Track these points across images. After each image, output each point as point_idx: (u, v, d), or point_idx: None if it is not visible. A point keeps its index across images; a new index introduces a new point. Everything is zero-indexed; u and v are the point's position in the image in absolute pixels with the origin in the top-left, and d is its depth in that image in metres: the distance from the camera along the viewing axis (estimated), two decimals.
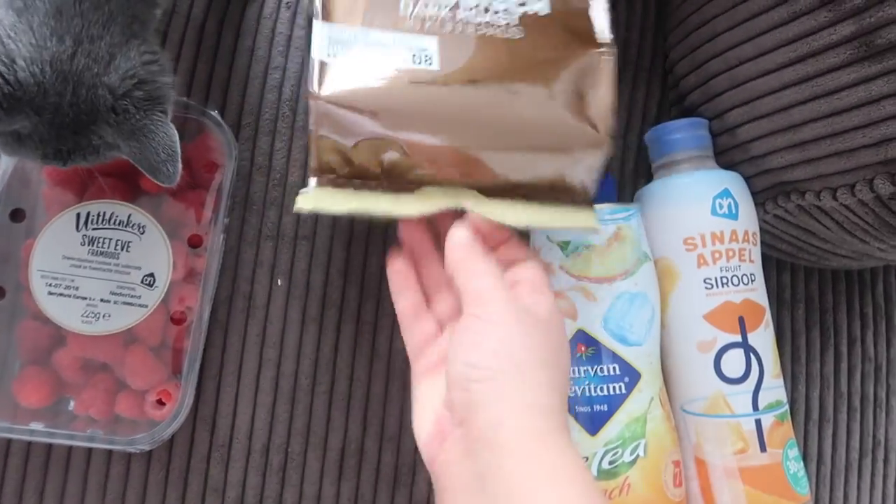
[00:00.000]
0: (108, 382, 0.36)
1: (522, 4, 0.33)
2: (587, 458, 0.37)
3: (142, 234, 0.36)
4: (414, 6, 0.32)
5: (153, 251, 0.36)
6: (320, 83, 0.30)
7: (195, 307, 0.36)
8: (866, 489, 0.48)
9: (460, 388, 0.28)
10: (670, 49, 0.47)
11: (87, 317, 0.35)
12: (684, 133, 0.43)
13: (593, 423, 0.37)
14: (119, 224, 0.36)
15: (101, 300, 0.35)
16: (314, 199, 0.31)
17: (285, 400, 0.40)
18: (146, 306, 0.35)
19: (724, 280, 0.40)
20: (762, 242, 0.45)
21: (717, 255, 0.40)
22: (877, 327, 0.49)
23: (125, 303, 0.35)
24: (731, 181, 0.42)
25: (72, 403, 0.36)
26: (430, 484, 0.41)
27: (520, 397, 0.27)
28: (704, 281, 0.40)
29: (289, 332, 0.40)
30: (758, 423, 0.40)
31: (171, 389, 0.36)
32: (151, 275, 0.36)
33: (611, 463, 0.37)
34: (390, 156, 0.31)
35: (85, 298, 0.35)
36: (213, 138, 0.38)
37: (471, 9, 0.32)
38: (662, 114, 0.47)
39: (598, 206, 0.39)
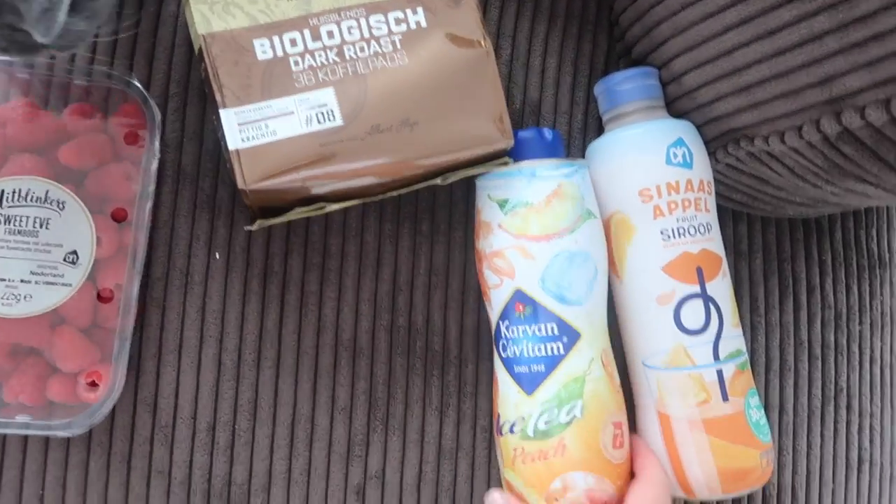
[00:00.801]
0: (38, 367, 0.34)
1: (401, 22, 0.35)
2: (524, 419, 0.36)
3: (62, 209, 0.34)
4: (303, 60, 0.34)
5: (75, 228, 0.34)
6: (242, 173, 0.33)
7: (124, 284, 0.34)
8: (830, 436, 0.47)
9: None
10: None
11: (6, 299, 0.33)
12: (634, 83, 0.42)
13: (530, 383, 0.37)
14: (36, 201, 0.34)
15: (22, 281, 0.33)
16: (259, 225, 0.35)
17: (229, 376, 0.38)
18: (70, 285, 0.34)
19: (682, 230, 0.39)
20: (717, 194, 0.44)
21: (673, 206, 0.39)
22: (836, 274, 0.49)
23: (47, 282, 0.33)
24: (685, 130, 0.41)
25: (1, 390, 0.34)
26: (385, 456, 0.40)
27: None
28: (661, 232, 0.39)
29: (230, 307, 0.39)
30: (719, 373, 0.39)
31: (102, 371, 0.34)
32: (74, 252, 0.34)
33: (546, 423, 0.36)
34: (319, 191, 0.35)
35: (4, 280, 0.33)
36: (136, 108, 0.36)
37: (355, 44, 0.35)
38: (610, 67, 0.46)
39: (541, 162, 0.38)
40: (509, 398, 0.37)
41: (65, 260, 0.34)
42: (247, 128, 0.33)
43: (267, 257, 0.40)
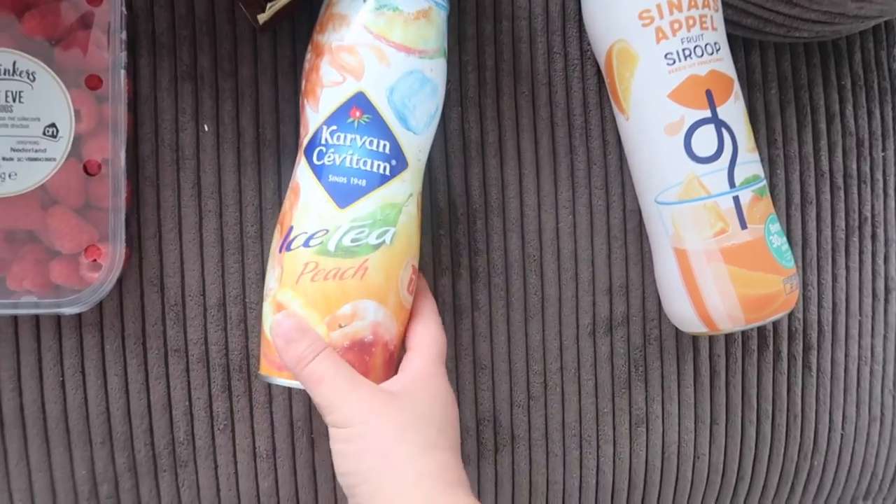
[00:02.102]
0: (37, 252, 0.34)
1: None
2: (327, 231, 0.32)
3: (33, 81, 0.32)
4: None
5: (50, 99, 0.32)
6: None
7: (110, 158, 0.33)
8: (855, 268, 0.46)
9: (349, 496, 0.30)
10: None
11: None
12: None
13: (345, 196, 0.33)
14: (5, 73, 0.32)
15: (3, 158, 0.32)
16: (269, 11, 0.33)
17: (234, 250, 0.38)
18: (54, 159, 0.32)
19: (687, 52, 0.37)
20: (726, 20, 0.41)
21: (676, 26, 0.37)
22: (856, 99, 0.46)
23: (30, 158, 0.32)
24: None
25: (6, 280, 0.34)
26: None
27: (396, 483, 0.28)
28: (665, 56, 0.37)
29: (226, 180, 0.38)
30: (736, 199, 0.37)
31: (102, 248, 0.33)
32: (53, 125, 0.32)
33: (353, 241, 0.32)
34: None
35: None
36: None
37: None
38: None
39: None
40: (312, 208, 0.33)
41: (44, 134, 0.32)
42: None
43: (258, 126, 0.38)
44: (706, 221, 0.37)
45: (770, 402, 0.45)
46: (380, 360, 0.33)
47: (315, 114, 0.34)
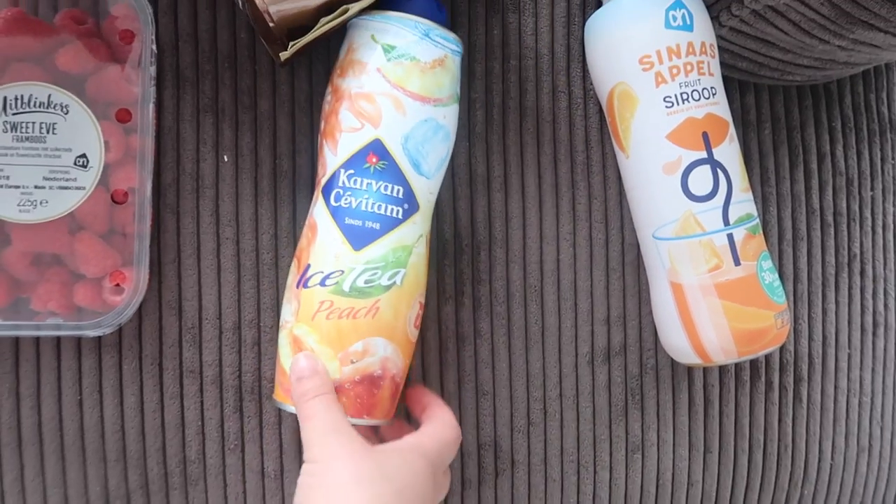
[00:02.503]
0: (62, 275, 0.35)
1: None
2: (342, 272, 0.34)
3: (66, 113, 0.34)
4: None
5: (81, 131, 0.34)
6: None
7: (137, 187, 0.35)
8: (844, 303, 0.48)
9: None
10: None
11: (23, 205, 0.34)
12: None
13: (360, 239, 0.35)
14: (40, 106, 0.34)
15: (36, 186, 0.34)
16: (291, 49, 0.34)
17: (250, 276, 0.39)
18: (84, 188, 0.34)
19: (685, 96, 0.39)
20: (722, 63, 0.43)
21: (674, 71, 0.39)
22: (846, 140, 0.48)
23: (61, 187, 0.34)
24: None
25: (31, 301, 0.35)
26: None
27: None
28: (664, 100, 0.39)
29: (243, 209, 0.39)
30: (730, 237, 0.39)
31: (126, 273, 0.35)
32: (84, 155, 0.34)
33: (367, 282, 0.34)
34: None
35: (18, 187, 0.34)
36: (127, 9, 0.35)
37: None
38: None
39: (435, 25, 0.36)
40: (329, 248, 0.35)
41: (75, 164, 0.34)
42: None
43: (275, 157, 0.40)
44: (701, 257, 0.39)
45: (762, 432, 0.46)
46: (387, 392, 0.35)
47: (333, 156, 0.36)
